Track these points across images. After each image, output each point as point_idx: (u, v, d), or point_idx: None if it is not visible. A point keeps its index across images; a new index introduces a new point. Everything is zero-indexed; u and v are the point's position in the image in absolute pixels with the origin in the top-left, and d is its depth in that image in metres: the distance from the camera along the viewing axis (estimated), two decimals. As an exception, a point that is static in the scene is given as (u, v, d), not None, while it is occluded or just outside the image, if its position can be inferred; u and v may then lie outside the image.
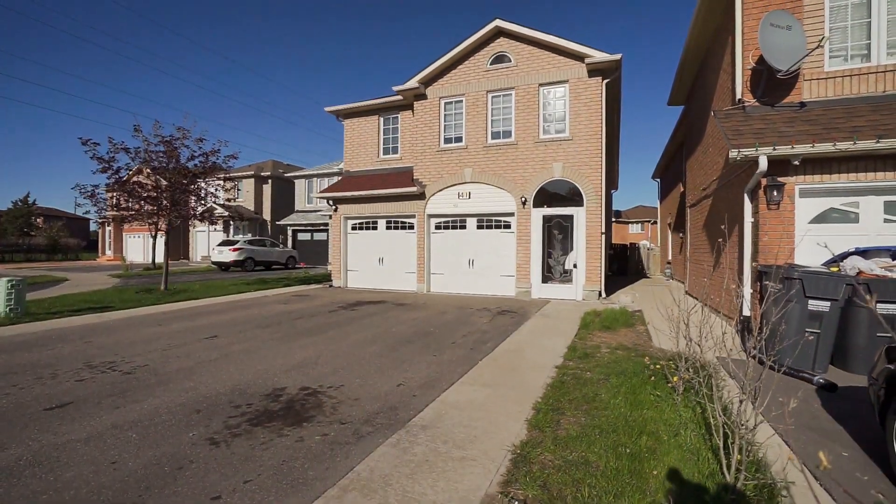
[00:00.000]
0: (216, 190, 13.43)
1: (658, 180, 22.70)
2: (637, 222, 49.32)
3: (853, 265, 4.98)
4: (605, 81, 10.77)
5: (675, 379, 3.77)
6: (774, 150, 5.55)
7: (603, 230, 10.98)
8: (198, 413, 3.75)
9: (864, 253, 5.17)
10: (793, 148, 5.50)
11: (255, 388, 4.41)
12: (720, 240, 7.82)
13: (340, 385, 4.51)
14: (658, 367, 4.37)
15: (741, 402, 2.46)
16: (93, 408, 3.85)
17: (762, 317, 3.58)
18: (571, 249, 11.17)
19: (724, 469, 2.51)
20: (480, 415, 3.72)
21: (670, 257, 19.15)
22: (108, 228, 33.78)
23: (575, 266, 11.02)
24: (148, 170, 12.06)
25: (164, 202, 12.08)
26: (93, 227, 48.31)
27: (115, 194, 12.64)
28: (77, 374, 4.79)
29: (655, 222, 33.29)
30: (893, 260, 5.06)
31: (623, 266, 21.54)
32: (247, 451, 3.09)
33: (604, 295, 10.92)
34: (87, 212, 22.41)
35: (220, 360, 5.45)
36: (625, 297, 10.51)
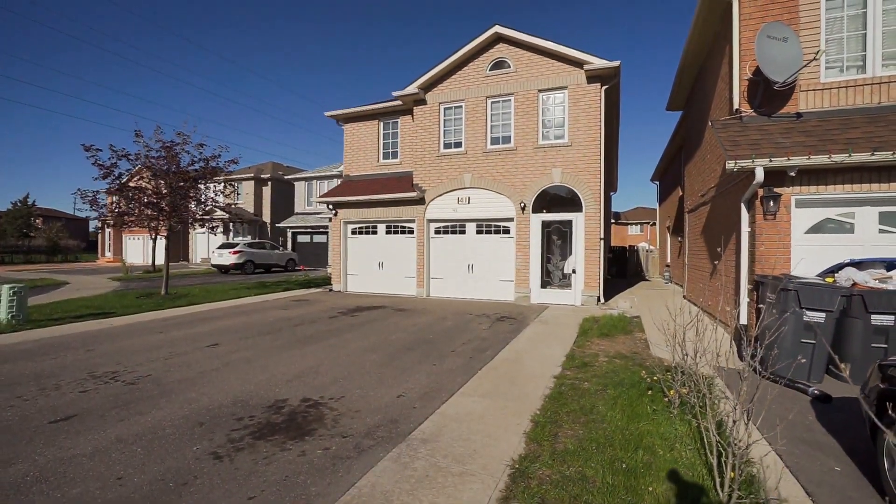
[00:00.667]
0: (216, 195, 13.47)
1: (657, 183, 22.78)
2: (636, 224, 49.38)
3: (848, 276, 5.04)
4: (604, 88, 10.84)
5: (672, 392, 3.83)
6: (771, 161, 5.61)
7: (602, 235, 11.04)
8: (201, 426, 3.80)
9: (859, 264, 5.23)
10: (789, 160, 5.56)
11: (257, 399, 4.46)
12: (718, 249, 7.88)
13: (341, 396, 4.56)
14: (655, 379, 4.43)
15: (734, 422, 2.51)
16: (97, 420, 3.90)
17: (758, 327, 3.65)
18: (570, 254, 11.24)
19: (718, 487, 2.56)
20: (479, 428, 3.77)
21: (669, 260, 19.21)
22: (107, 230, 33.80)
23: (574, 271, 11.08)
24: (148, 174, 12.10)
25: (165, 207, 12.12)
26: (92, 227, 48.34)
27: (115, 199, 12.69)
28: (80, 385, 4.84)
29: (655, 224, 33.38)
30: (888, 271, 5.12)
31: (622, 268, 21.61)
32: (250, 465, 3.14)
33: (602, 300, 10.98)
34: (88, 217, 22.47)
35: (222, 369, 5.50)
36: (623, 303, 10.57)
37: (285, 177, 30.97)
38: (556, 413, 4.04)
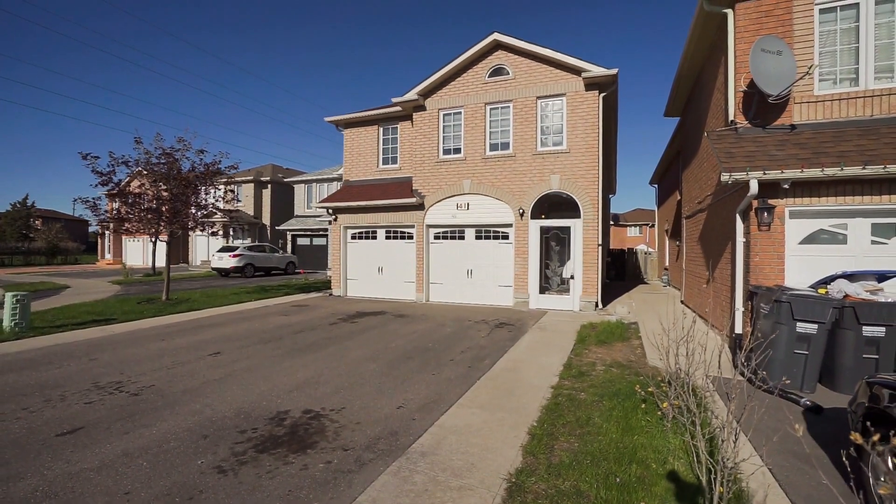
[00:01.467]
0: (216, 201, 13.54)
1: (656, 186, 22.87)
2: (635, 225, 49.47)
3: (840, 288, 5.13)
4: (602, 95, 10.93)
5: (665, 405, 3.91)
6: (765, 174, 5.70)
7: (600, 241, 11.13)
8: (205, 439, 3.88)
9: (851, 276, 5.32)
10: (782, 172, 5.65)
11: (260, 410, 4.54)
12: (710, 264, 7.97)
13: (342, 407, 4.64)
14: (649, 391, 4.51)
15: (722, 441, 2.60)
16: (103, 433, 3.98)
17: (752, 338, 3.75)
18: (569, 260, 11.32)
19: (708, 503, 2.64)
20: (477, 440, 3.85)
21: (667, 263, 19.31)
22: (107, 233, 33.85)
23: (572, 277, 11.16)
24: (149, 179, 12.17)
25: (165, 212, 12.18)
26: (92, 228, 48.44)
27: (115, 204, 12.76)
28: (85, 396, 4.92)
29: (653, 226, 33.49)
30: (879, 283, 5.21)
31: (621, 271, 21.73)
32: (254, 479, 3.22)
33: (600, 305, 11.07)
34: (89, 221, 22.55)
35: (225, 379, 5.57)
36: (621, 308, 10.66)
37: (285, 179, 31.05)
38: (552, 425, 4.12)
